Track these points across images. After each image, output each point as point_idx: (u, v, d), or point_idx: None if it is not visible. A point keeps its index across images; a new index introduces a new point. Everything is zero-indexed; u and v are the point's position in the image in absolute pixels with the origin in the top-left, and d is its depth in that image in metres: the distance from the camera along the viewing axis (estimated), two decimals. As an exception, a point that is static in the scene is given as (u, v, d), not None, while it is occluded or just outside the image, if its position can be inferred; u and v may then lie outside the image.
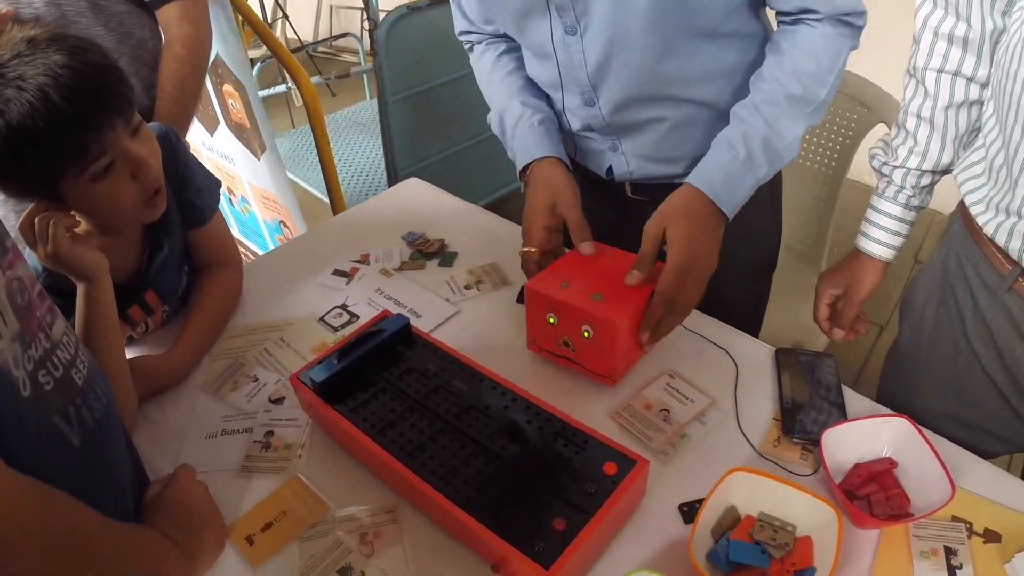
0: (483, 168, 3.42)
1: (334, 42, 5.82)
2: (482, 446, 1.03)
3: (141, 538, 0.90)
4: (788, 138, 1.19)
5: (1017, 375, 1.13)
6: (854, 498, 1.02)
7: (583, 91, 1.29)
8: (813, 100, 1.18)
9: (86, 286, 1.11)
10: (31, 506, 0.69)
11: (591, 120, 1.34)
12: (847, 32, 1.16)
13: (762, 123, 1.18)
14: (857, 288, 1.34)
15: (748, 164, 1.18)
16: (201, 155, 2.77)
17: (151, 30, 1.77)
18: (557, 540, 0.89)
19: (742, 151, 1.17)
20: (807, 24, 1.16)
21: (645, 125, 1.32)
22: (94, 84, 1.03)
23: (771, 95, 1.18)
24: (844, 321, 1.37)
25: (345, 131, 3.98)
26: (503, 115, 1.42)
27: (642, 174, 1.42)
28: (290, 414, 1.22)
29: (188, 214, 1.38)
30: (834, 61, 1.17)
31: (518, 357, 1.30)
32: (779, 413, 1.17)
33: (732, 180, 1.17)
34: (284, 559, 1.01)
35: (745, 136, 1.18)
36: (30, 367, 0.76)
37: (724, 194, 1.17)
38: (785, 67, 1.18)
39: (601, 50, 1.19)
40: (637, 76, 1.23)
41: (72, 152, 1.03)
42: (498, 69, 1.45)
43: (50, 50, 1.01)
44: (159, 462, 1.15)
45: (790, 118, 1.18)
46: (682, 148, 1.35)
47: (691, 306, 1.18)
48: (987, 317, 1.14)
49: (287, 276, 1.56)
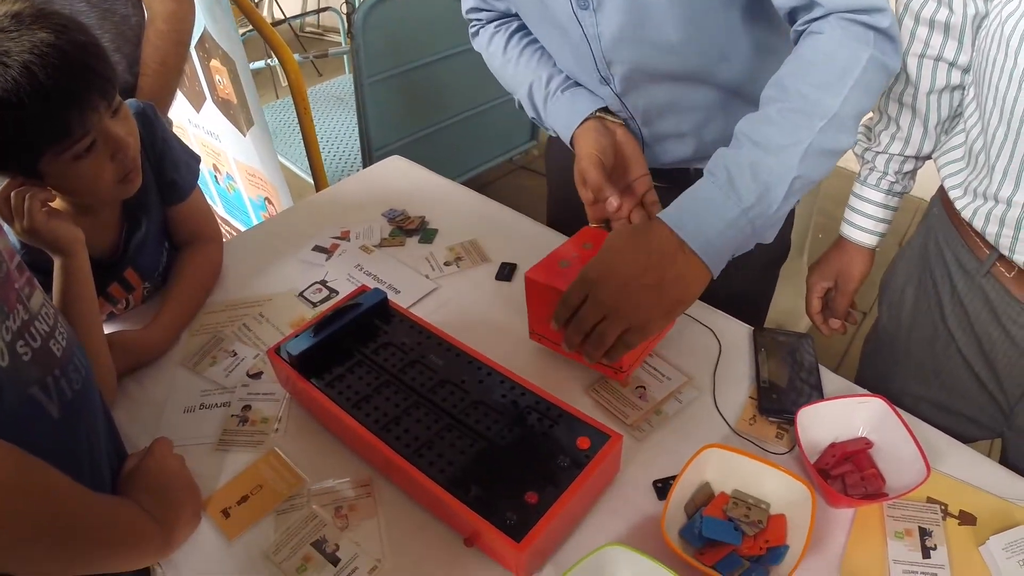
0: (459, 147, 3.44)
1: (321, 21, 5.79)
2: (457, 420, 1.03)
3: (118, 509, 0.90)
4: (783, 154, 0.99)
5: (993, 360, 1.13)
6: (828, 477, 1.02)
7: (596, 68, 1.22)
8: (820, 114, 0.97)
9: (63, 260, 1.10)
10: (9, 472, 0.69)
11: (607, 100, 1.29)
12: (862, 35, 0.98)
13: (748, 143, 0.99)
14: (848, 278, 1.34)
15: (727, 189, 0.97)
16: (187, 132, 2.75)
17: (134, 6, 1.75)
18: (529, 513, 0.89)
19: (721, 175, 0.98)
20: (814, 31, 1.01)
21: (661, 107, 1.26)
22: (80, 64, 1.03)
23: (764, 113, 1.01)
24: (839, 312, 1.38)
25: (324, 105, 3.95)
26: (532, 91, 1.33)
27: (663, 160, 1.36)
28: (267, 388, 1.22)
29: (167, 190, 1.38)
30: (847, 68, 0.98)
31: (495, 333, 1.29)
32: (755, 392, 1.17)
33: (704, 207, 0.98)
34: (260, 532, 1.01)
35: (728, 159, 0.99)
36: (8, 338, 0.77)
37: (689, 222, 0.97)
38: (784, 77, 1.02)
39: (617, 23, 1.12)
40: (655, 52, 1.14)
41: (55, 131, 1.03)
42: (512, 47, 1.37)
43: (35, 27, 1.00)
44: (138, 436, 1.15)
45: (786, 131, 0.98)
46: (700, 131, 1.29)
47: (584, 323, 0.99)
48: (965, 301, 1.14)
49: (267, 252, 1.55)
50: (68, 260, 1.10)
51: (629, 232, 1.00)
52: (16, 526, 0.70)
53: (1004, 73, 0.95)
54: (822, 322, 1.40)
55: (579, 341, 0.99)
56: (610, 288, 0.96)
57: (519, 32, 1.38)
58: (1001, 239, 1.03)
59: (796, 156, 0.96)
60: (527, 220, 1.61)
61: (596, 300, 0.96)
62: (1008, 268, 1.06)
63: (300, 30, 5.55)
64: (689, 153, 1.33)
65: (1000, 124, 0.99)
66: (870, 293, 3.01)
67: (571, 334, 1.00)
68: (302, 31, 5.67)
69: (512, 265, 1.46)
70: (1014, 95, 0.95)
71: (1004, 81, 0.96)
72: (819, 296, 1.39)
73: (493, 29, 1.41)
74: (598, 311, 0.96)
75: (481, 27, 1.43)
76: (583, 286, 0.98)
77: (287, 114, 3.64)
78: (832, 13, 0.99)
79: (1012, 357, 1.11)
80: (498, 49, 1.39)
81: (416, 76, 3.03)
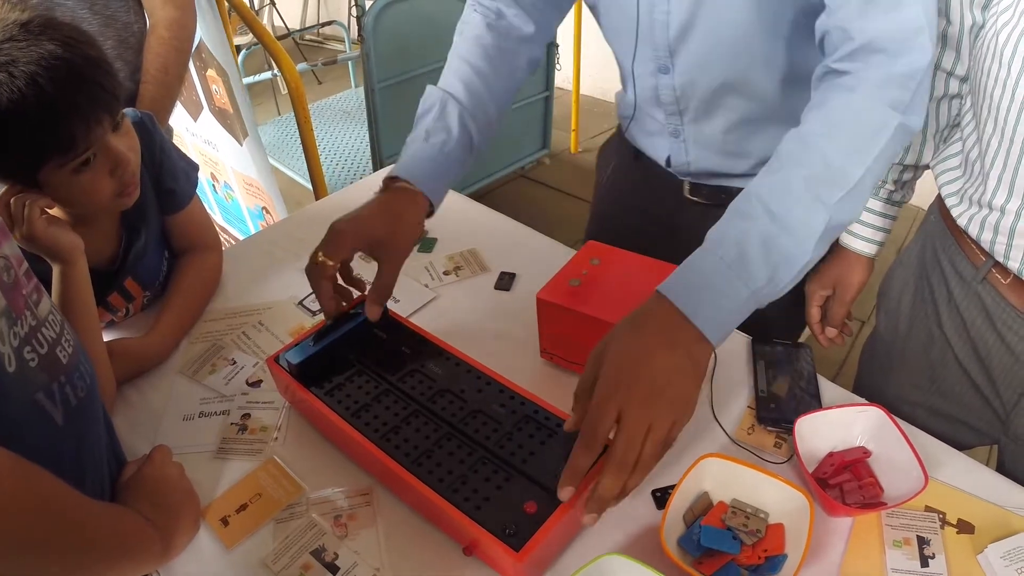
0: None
1: (321, 29, 5.81)
2: (456, 429, 1.03)
3: (119, 517, 0.90)
4: (801, 235, 0.92)
5: (989, 366, 1.14)
6: (827, 486, 1.03)
7: (658, 56, 1.19)
8: (842, 183, 0.91)
9: (62, 267, 1.10)
10: (12, 482, 0.69)
11: (660, 91, 1.26)
12: (896, 98, 0.92)
13: (764, 214, 0.92)
14: (846, 287, 1.35)
15: (738, 268, 0.90)
16: (184, 140, 2.76)
17: (136, 13, 1.76)
18: (528, 523, 0.89)
19: (731, 251, 0.91)
20: (845, 87, 0.95)
21: (714, 110, 1.24)
22: (86, 78, 1.03)
23: (784, 176, 0.93)
24: (835, 321, 1.39)
25: (330, 119, 3.97)
26: (441, 102, 1.27)
27: (700, 167, 1.35)
28: (267, 397, 1.22)
29: (165, 199, 1.38)
30: (875, 135, 0.92)
31: (494, 342, 1.30)
32: (754, 401, 1.17)
33: (708, 287, 0.91)
34: (258, 540, 1.01)
35: (739, 232, 0.92)
36: (15, 343, 0.77)
37: (694, 301, 0.90)
38: (809, 135, 0.94)
39: (687, 10, 1.10)
40: (721, 48, 1.12)
41: (58, 144, 1.03)
42: (467, 30, 1.33)
43: (43, 38, 1.00)
44: (137, 444, 1.15)
45: (806, 207, 0.92)
46: (749, 144, 1.27)
47: (632, 452, 0.86)
48: (961, 308, 1.15)
49: (267, 260, 1.55)
50: (67, 268, 1.10)
51: (647, 335, 0.91)
52: (18, 537, 0.70)
53: (998, 83, 0.96)
54: (820, 332, 1.41)
55: (630, 469, 0.86)
56: (641, 402, 0.87)
57: (495, 25, 1.31)
58: (996, 246, 1.04)
59: (813, 240, 0.92)
60: (527, 230, 1.62)
61: (633, 419, 0.86)
62: (1004, 275, 1.07)
63: (300, 39, 5.57)
64: (733, 168, 1.32)
65: (994, 133, 0.99)
66: (868, 302, 3.02)
67: (621, 462, 0.86)
68: (302, 39, 5.69)
69: (512, 275, 1.46)
70: (1007, 104, 0.95)
71: (998, 90, 0.96)
72: (818, 305, 1.40)
73: (475, 10, 1.35)
74: (640, 427, 0.86)
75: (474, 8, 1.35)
76: (611, 405, 0.87)
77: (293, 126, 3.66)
78: (863, 49, 0.94)
79: (1007, 363, 1.11)
80: (461, 28, 1.36)
81: (427, 80, 3.00)
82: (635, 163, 1.48)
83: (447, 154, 1.23)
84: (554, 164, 4.40)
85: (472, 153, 1.28)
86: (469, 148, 1.26)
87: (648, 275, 1.14)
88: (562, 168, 4.40)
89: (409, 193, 1.20)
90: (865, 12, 0.93)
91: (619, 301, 1.11)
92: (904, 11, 0.92)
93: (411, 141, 1.25)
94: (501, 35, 1.31)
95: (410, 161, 1.22)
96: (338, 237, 1.14)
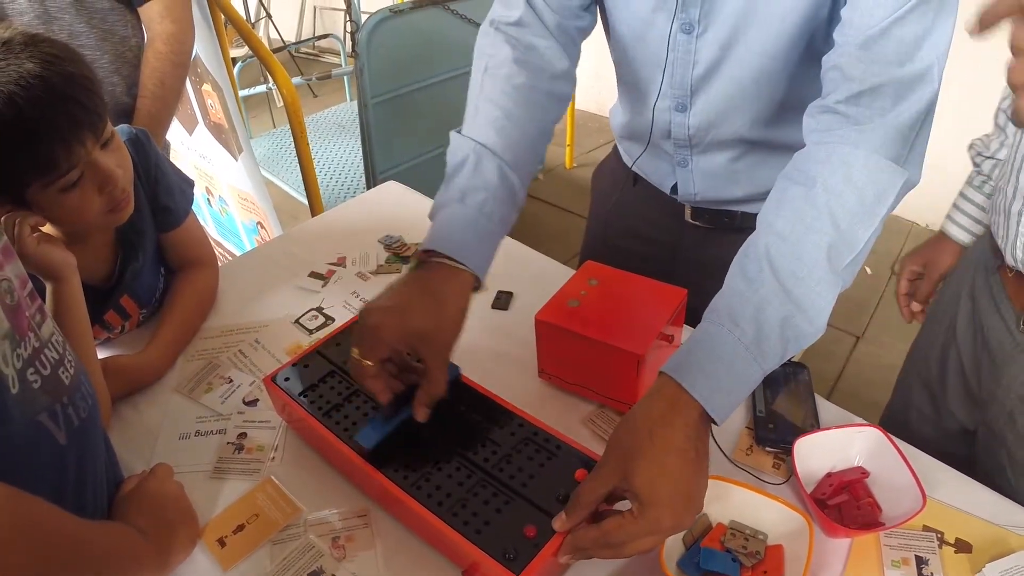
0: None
1: (317, 43, 5.82)
2: (454, 451, 1.03)
3: (116, 537, 0.90)
4: (813, 312, 0.88)
5: (986, 339, 1.23)
6: (825, 507, 1.03)
7: (678, 95, 1.17)
8: (851, 249, 0.89)
9: (55, 285, 1.10)
10: (8, 514, 0.69)
11: (673, 127, 1.24)
12: (897, 153, 0.90)
13: (781, 292, 0.87)
14: (935, 266, 1.49)
15: (756, 350, 0.86)
16: (180, 154, 2.76)
17: (134, 27, 1.76)
18: (528, 546, 0.89)
19: (749, 330, 0.86)
20: (850, 143, 0.91)
21: (725, 147, 1.23)
22: (65, 96, 1.02)
23: (799, 248, 0.89)
24: (921, 295, 1.52)
25: (325, 132, 3.98)
26: (476, 154, 1.10)
27: (706, 196, 1.34)
28: (264, 416, 1.21)
29: (161, 216, 1.37)
30: (881, 196, 0.90)
31: (492, 362, 1.29)
32: (752, 422, 1.17)
33: (728, 373, 0.86)
34: (255, 562, 1.01)
35: (757, 310, 0.87)
36: (19, 365, 0.77)
37: (710, 388, 0.85)
38: (818, 201, 0.89)
39: (715, 54, 1.08)
40: (743, 92, 1.11)
41: (40, 164, 1.03)
42: (494, 67, 1.16)
43: (24, 56, 0.99)
44: (133, 461, 1.15)
45: (819, 280, 0.88)
46: (756, 172, 1.25)
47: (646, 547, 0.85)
48: (976, 295, 1.25)
49: (263, 278, 1.55)
50: (60, 285, 1.10)
51: (673, 451, 0.84)
52: (15, 569, 0.70)
53: None
54: (906, 304, 1.55)
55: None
56: (672, 517, 0.83)
57: (524, 61, 1.16)
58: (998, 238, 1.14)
59: (824, 317, 0.90)
60: (523, 247, 1.61)
61: (658, 528, 0.83)
62: (1010, 267, 1.15)
63: (296, 52, 5.58)
64: (738, 195, 1.31)
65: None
66: (861, 318, 3.04)
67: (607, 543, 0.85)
68: (298, 52, 5.70)
69: (508, 293, 1.46)
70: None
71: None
72: (909, 279, 1.54)
73: (502, 40, 1.17)
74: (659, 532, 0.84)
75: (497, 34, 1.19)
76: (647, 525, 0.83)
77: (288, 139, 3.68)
78: (866, 94, 0.91)
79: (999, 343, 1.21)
80: (487, 59, 1.17)
81: (421, 96, 3.03)
82: (634, 187, 1.48)
83: (488, 215, 1.07)
84: (549, 179, 4.41)
85: (516, 210, 1.13)
86: (512, 204, 1.11)
87: (647, 296, 1.15)
88: (557, 183, 4.42)
89: (449, 270, 1.03)
90: (870, 53, 0.90)
91: (618, 322, 1.12)
92: (913, 57, 0.89)
93: (443, 203, 1.09)
94: (535, 73, 1.17)
95: (446, 229, 1.06)
96: (374, 334, 0.99)
